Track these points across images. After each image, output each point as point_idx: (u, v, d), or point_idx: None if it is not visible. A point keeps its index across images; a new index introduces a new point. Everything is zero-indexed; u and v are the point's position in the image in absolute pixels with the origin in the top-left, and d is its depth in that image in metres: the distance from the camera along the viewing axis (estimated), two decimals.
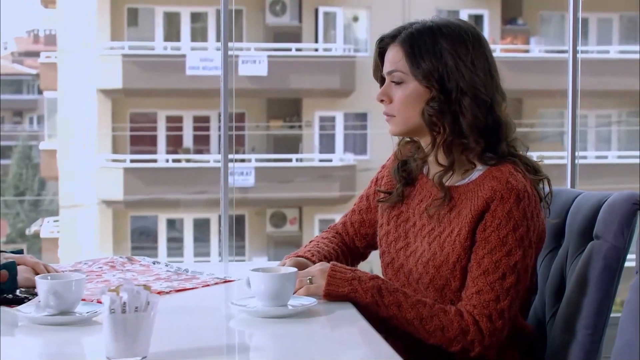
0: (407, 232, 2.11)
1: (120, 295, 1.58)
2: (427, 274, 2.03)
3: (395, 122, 2.07)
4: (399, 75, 2.04)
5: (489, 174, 2.00)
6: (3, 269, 2.04)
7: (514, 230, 1.95)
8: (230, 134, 3.21)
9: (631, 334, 1.81)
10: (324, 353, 1.76)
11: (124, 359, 1.58)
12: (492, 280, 1.95)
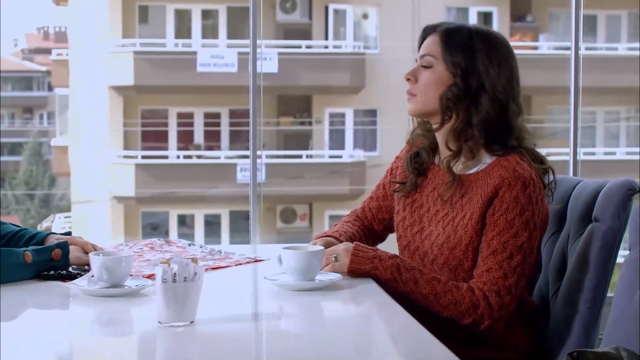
0: (422, 218, 2.32)
1: (171, 266, 1.80)
2: (442, 255, 2.24)
3: (415, 101, 2.27)
4: (429, 60, 2.24)
5: (497, 164, 2.21)
6: (56, 248, 2.27)
7: (521, 214, 2.16)
8: (259, 129, 3.42)
9: (625, 303, 2.03)
10: (348, 321, 1.98)
11: (174, 322, 1.80)
12: (500, 259, 2.16)
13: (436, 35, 2.26)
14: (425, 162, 2.36)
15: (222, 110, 17.13)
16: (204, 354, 1.74)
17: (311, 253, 2.12)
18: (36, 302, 2.10)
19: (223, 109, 17.13)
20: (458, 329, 2.19)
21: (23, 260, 2.21)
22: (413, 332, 1.80)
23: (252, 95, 3.44)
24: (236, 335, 1.81)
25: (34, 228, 2.51)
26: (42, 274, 2.23)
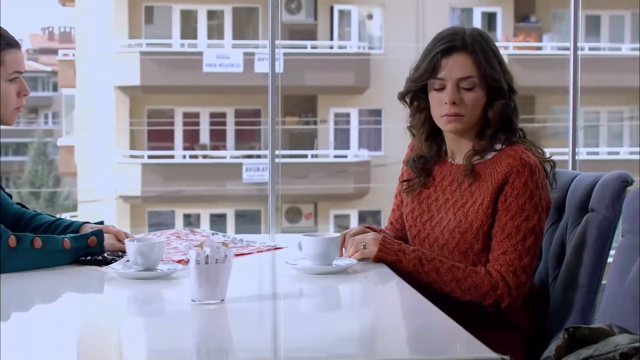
0: (430, 207, 2.51)
1: (204, 249, 1.99)
2: (453, 240, 2.43)
3: (463, 121, 2.41)
4: (473, 81, 2.39)
5: (504, 153, 2.40)
6: (92, 235, 2.47)
7: (530, 199, 2.35)
8: (277, 128, 3.60)
9: (617, 285, 2.22)
10: (362, 301, 2.18)
11: (207, 301, 1.99)
12: (515, 242, 2.35)
13: (468, 55, 2.38)
14: (429, 162, 2.53)
15: (227, 110, 17.32)
16: (234, 328, 1.93)
17: (329, 239, 2.32)
18: (77, 285, 2.29)
19: (229, 109, 17.32)
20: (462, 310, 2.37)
21: (62, 246, 2.41)
22: (423, 309, 1.99)
23: (271, 95, 3.62)
24: (262, 312, 2.01)
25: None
26: (79, 260, 2.43)
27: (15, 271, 2.33)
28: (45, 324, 1.98)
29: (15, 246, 2.35)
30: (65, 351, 1.76)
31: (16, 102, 2.53)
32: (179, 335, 1.86)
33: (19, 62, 2.52)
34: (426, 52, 2.44)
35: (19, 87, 2.52)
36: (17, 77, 2.51)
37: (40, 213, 2.70)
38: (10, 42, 2.51)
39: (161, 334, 1.88)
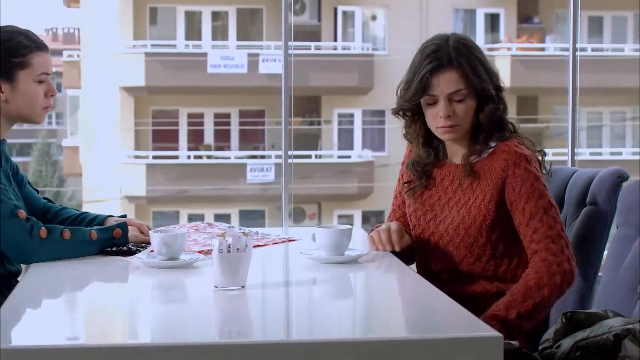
0: (433, 206, 2.64)
1: (226, 239, 2.15)
2: (458, 236, 2.57)
3: (457, 130, 2.54)
4: (463, 93, 2.51)
5: (498, 149, 2.55)
6: (117, 227, 2.62)
7: (535, 180, 2.49)
8: (290, 128, 3.74)
9: (613, 273, 2.38)
10: (372, 288, 2.34)
11: (229, 287, 2.15)
12: (539, 218, 2.46)
13: (455, 70, 2.51)
14: (428, 165, 2.67)
15: (232, 111, 17.48)
16: (254, 312, 2.09)
17: (341, 231, 2.47)
18: (105, 273, 2.45)
19: (233, 110, 17.49)
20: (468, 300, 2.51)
21: (89, 237, 2.57)
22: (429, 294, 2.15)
23: (284, 96, 3.76)
24: (280, 297, 2.17)
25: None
26: (106, 250, 2.58)
27: (46, 260, 2.49)
28: (77, 308, 2.14)
29: (46, 237, 2.51)
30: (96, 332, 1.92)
31: (44, 101, 2.69)
32: (203, 318, 2.02)
33: (47, 65, 2.68)
34: (414, 69, 2.56)
35: (47, 87, 2.68)
36: (45, 79, 2.67)
37: (66, 207, 2.86)
38: (39, 45, 2.67)
39: (186, 317, 2.04)
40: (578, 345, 2.10)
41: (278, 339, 1.87)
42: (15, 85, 2.63)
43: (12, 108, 2.65)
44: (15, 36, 2.65)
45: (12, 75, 2.62)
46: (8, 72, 2.62)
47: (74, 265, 2.48)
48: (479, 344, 1.78)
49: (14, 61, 2.61)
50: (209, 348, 1.77)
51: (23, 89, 2.63)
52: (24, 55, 2.62)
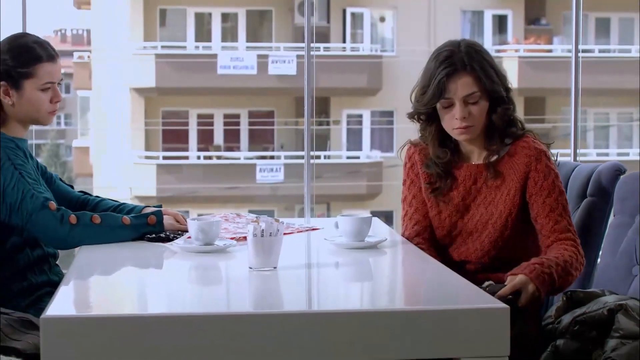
0: (459, 205, 2.85)
1: (260, 224, 2.40)
2: (485, 230, 2.79)
3: (472, 131, 2.76)
4: (476, 96, 2.73)
5: (517, 146, 2.77)
6: (152, 215, 2.88)
7: (556, 176, 2.74)
8: (312, 128, 3.97)
9: (609, 257, 2.63)
10: (390, 270, 2.59)
11: (262, 268, 2.40)
12: (559, 212, 2.70)
13: (469, 74, 2.73)
14: (449, 166, 2.89)
15: (241, 112, 17.74)
16: (285, 291, 2.34)
17: (362, 219, 2.72)
18: (146, 256, 2.70)
19: (242, 111, 17.74)
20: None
21: (121, 222, 2.82)
22: (443, 274, 2.40)
23: (307, 97, 3.98)
24: (308, 278, 2.43)
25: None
26: (146, 237, 2.84)
27: (80, 245, 2.75)
28: (125, 285, 2.40)
29: (76, 223, 2.77)
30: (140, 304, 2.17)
31: (49, 107, 2.96)
32: (239, 293, 2.29)
33: (52, 74, 2.93)
34: (430, 75, 2.76)
35: (52, 94, 2.94)
36: (50, 86, 2.93)
37: (105, 199, 3.12)
38: (50, 55, 2.93)
39: (224, 293, 2.30)
40: (576, 320, 2.35)
41: (298, 307, 2.13)
42: (21, 93, 2.89)
43: (18, 112, 2.92)
44: (27, 46, 2.92)
45: (19, 83, 2.88)
46: (15, 80, 2.88)
47: (116, 249, 2.73)
48: (487, 314, 2.03)
49: (21, 71, 2.88)
50: (244, 317, 2.02)
51: (28, 96, 2.89)
52: (30, 66, 2.88)
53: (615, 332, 2.27)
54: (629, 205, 2.71)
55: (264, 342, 1.97)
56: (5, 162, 2.81)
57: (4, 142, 2.85)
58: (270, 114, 17.82)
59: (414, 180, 2.92)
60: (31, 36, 2.98)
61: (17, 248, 2.84)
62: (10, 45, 2.92)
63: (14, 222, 2.77)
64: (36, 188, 2.81)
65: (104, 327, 1.96)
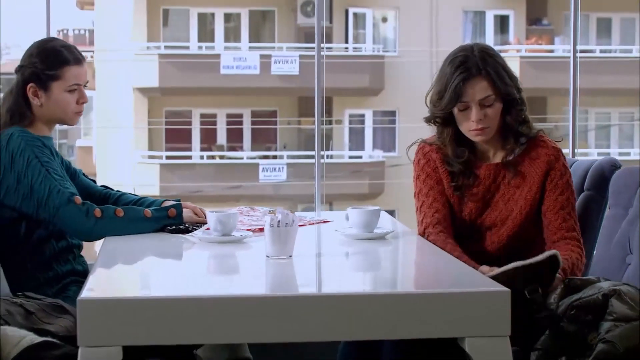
0: (480, 202, 3.00)
1: (277, 215, 2.58)
2: (504, 225, 2.95)
3: (488, 132, 2.91)
4: (491, 99, 2.87)
5: (533, 145, 2.92)
6: (172, 207, 3.06)
7: (570, 176, 2.92)
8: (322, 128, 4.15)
9: (605, 247, 2.81)
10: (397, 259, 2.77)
11: (279, 256, 2.57)
12: (568, 210, 2.87)
13: (484, 78, 2.86)
14: (468, 165, 3.04)
15: (244, 112, 17.91)
16: (300, 276, 2.52)
17: (371, 211, 2.90)
18: (166, 246, 2.88)
19: (245, 110, 17.92)
20: None
21: (143, 215, 3.00)
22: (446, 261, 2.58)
23: (317, 97, 4.15)
24: (320, 265, 2.60)
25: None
26: (166, 229, 3.01)
27: (105, 236, 2.93)
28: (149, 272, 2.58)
29: (100, 216, 2.94)
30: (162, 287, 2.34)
31: (75, 107, 3.14)
32: (258, 279, 2.47)
33: (79, 76, 3.12)
34: (446, 80, 2.89)
35: (78, 95, 3.13)
36: (77, 88, 3.11)
37: (126, 193, 3.30)
38: (76, 59, 3.12)
39: (244, 278, 2.48)
40: (573, 305, 2.52)
41: (309, 290, 2.35)
42: (49, 94, 3.08)
43: (46, 112, 3.10)
44: (55, 50, 3.10)
45: (47, 85, 3.07)
46: (44, 82, 3.07)
47: (139, 240, 2.91)
48: (489, 297, 2.20)
49: (49, 73, 3.07)
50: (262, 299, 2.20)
51: (55, 97, 3.08)
52: (58, 69, 3.07)
53: (609, 316, 2.44)
54: (623, 198, 2.89)
55: (279, 322, 2.15)
56: (33, 159, 2.98)
57: (31, 141, 3.02)
58: (273, 114, 18.00)
59: (430, 174, 3.02)
60: (58, 41, 3.17)
61: (43, 240, 3.01)
62: (39, 49, 3.11)
63: (41, 216, 2.95)
64: (62, 184, 2.98)
65: (133, 307, 2.14)
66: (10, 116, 3.09)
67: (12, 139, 3.01)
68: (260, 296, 2.24)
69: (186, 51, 17.53)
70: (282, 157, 17.27)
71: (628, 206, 2.86)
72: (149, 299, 2.19)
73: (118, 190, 3.34)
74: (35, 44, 3.15)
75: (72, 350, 2.33)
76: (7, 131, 3.04)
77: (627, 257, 2.81)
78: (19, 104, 3.09)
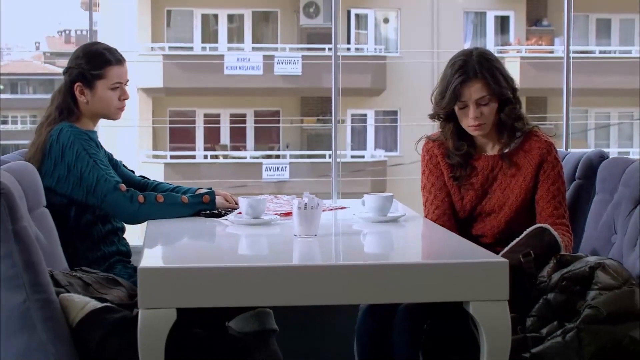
0: (478, 191, 3.40)
1: (303, 199, 2.97)
2: (501, 211, 3.34)
3: (484, 127, 3.30)
4: (487, 99, 3.26)
5: (528, 139, 3.32)
6: (206, 194, 3.45)
7: (561, 167, 3.32)
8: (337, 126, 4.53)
9: (592, 229, 3.21)
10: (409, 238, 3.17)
11: (305, 235, 2.96)
12: (559, 199, 3.27)
13: (480, 80, 3.25)
14: (467, 157, 3.44)
15: (247, 112, 18.29)
16: (323, 252, 2.91)
17: (385, 197, 3.30)
18: (203, 228, 3.27)
19: (248, 110, 18.30)
20: None
21: (180, 201, 3.40)
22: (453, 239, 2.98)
23: (334, 97, 4.51)
24: (342, 242, 3.00)
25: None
26: (201, 214, 3.41)
27: (147, 219, 3.32)
28: (192, 247, 2.98)
29: (143, 202, 3.34)
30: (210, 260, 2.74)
31: (117, 104, 3.55)
32: (288, 253, 2.87)
33: (121, 75, 3.53)
34: (447, 82, 3.29)
35: (120, 93, 3.54)
36: (119, 86, 3.51)
37: (162, 182, 3.70)
38: (118, 59, 3.53)
39: (276, 253, 2.88)
40: (564, 277, 2.91)
41: (328, 260, 2.79)
42: (94, 92, 3.49)
43: (91, 108, 3.51)
44: (98, 52, 3.51)
45: (92, 84, 3.48)
46: (89, 81, 3.48)
47: (177, 223, 3.30)
48: (490, 266, 2.59)
49: (94, 73, 3.48)
50: (292, 268, 2.61)
51: (100, 94, 3.49)
52: (102, 69, 3.49)
53: (594, 285, 2.83)
54: (609, 185, 3.28)
55: (307, 288, 2.54)
56: (82, 151, 3.37)
57: (79, 135, 3.41)
58: (276, 114, 18.40)
59: (432, 170, 3.45)
60: (101, 44, 3.58)
61: (90, 224, 3.41)
62: (84, 51, 3.52)
63: (90, 202, 3.34)
64: (108, 173, 3.38)
65: (185, 275, 2.52)
66: (59, 113, 3.49)
67: (62, 133, 3.40)
68: (292, 266, 2.64)
69: (190, 52, 17.92)
70: (285, 157, 17.65)
71: (613, 192, 3.25)
72: (198, 267, 2.57)
73: (154, 180, 3.74)
74: (81, 48, 3.56)
75: (128, 315, 2.72)
76: (57, 126, 3.43)
77: (612, 236, 3.20)
78: (67, 102, 3.49)
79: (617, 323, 2.75)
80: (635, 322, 2.76)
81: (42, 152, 3.39)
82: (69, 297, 2.74)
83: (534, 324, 2.88)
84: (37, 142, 3.45)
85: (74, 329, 2.69)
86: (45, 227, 3.05)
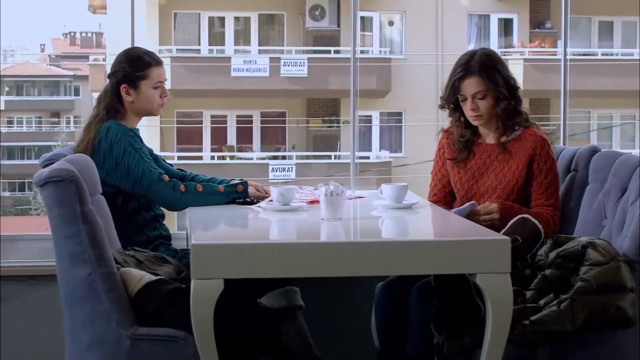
0: (475, 173, 3.86)
1: (329, 186, 3.41)
2: (495, 193, 3.79)
3: (482, 118, 3.77)
4: (483, 93, 3.74)
5: (525, 134, 3.76)
6: (239, 184, 3.89)
7: (553, 162, 3.77)
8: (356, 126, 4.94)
9: (585, 214, 3.66)
10: (423, 222, 3.62)
11: (331, 219, 3.40)
12: (551, 191, 3.73)
13: (477, 76, 3.73)
14: (468, 140, 3.91)
15: (254, 113, 18.72)
16: (346, 232, 3.36)
17: (401, 186, 3.74)
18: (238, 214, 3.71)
19: (255, 112, 18.72)
20: None
21: (217, 190, 3.84)
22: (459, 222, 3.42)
23: (352, 98, 4.93)
24: (362, 225, 3.46)
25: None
26: (235, 202, 3.85)
27: (188, 207, 3.76)
28: (232, 229, 3.43)
29: (184, 191, 3.78)
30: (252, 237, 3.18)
31: (159, 101, 3.99)
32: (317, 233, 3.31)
33: (161, 75, 3.98)
34: (451, 76, 3.81)
35: (161, 91, 3.98)
36: (159, 85, 3.96)
37: (198, 174, 4.14)
38: (157, 61, 3.98)
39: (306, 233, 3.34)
40: (559, 255, 3.35)
41: (348, 237, 3.22)
42: (138, 91, 3.93)
43: (136, 107, 3.95)
44: (139, 55, 3.96)
45: (136, 84, 3.92)
46: (133, 82, 3.92)
47: (215, 210, 3.74)
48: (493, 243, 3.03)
49: (137, 74, 3.92)
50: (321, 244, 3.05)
51: (144, 93, 3.93)
52: (144, 70, 3.93)
53: (586, 262, 3.27)
54: (600, 175, 3.73)
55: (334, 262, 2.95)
56: (128, 146, 3.81)
57: (125, 131, 3.85)
58: (282, 115, 18.83)
59: (437, 162, 4.00)
60: (140, 48, 4.03)
61: (135, 211, 3.85)
62: (126, 56, 3.97)
63: (137, 192, 3.78)
64: (152, 165, 3.82)
65: (231, 250, 2.95)
66: (107, 112, 3.93)
67: (110, 130, 3.84)
68: (321, 242, 3.09)
69: (197, 54, 18.35)
70: (292, 158, 18.08)
71: (604, 181, 3.70)
72: (242, 244, 3.01)
73: (191, 172, 4.19)
74: (122, 53, 4.01)
75: (179, 286, 3.17)
76: (105, 124, 3.87)
77: (603, 220, 3.64)
78: (114, 102, 3.93)
79: (605, 294, 3.20)
80: (622, 293, 3.21)
81: (92, 147, 3.82)
82: (127, 271, 3.19)
83: (532, 296, 3.32)
84: (86, 138, 3.88)
85: (132, 298, 3.14)
86: (101, 212, 3.49)
